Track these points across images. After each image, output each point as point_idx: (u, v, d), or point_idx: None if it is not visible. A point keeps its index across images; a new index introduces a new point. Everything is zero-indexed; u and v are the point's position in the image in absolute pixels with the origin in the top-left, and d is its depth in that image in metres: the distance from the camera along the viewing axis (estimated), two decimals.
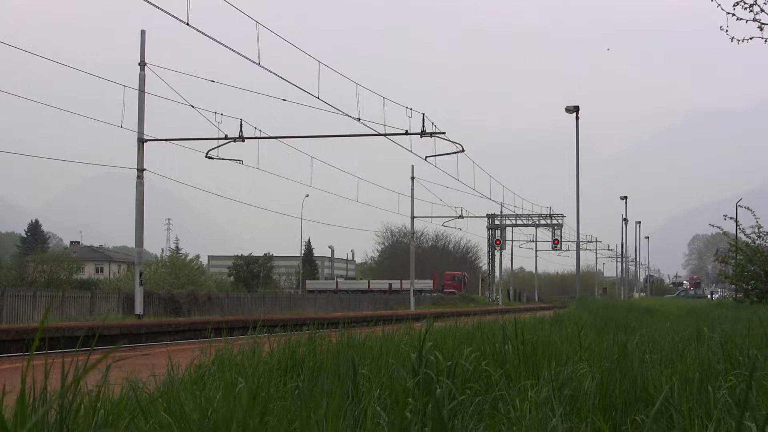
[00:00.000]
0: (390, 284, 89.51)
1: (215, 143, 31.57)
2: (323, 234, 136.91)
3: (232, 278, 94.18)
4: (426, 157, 36.03)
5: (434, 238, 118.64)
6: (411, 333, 7.40)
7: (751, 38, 16.12)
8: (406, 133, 32.32)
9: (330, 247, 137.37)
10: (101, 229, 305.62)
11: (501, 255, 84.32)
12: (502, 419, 4.02)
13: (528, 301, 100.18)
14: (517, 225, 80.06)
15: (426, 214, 62.41)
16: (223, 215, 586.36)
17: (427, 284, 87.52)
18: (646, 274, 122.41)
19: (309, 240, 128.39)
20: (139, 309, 28.12)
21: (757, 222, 31.89)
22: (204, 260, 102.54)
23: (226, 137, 30.81)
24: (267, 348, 6.45)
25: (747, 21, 15.97)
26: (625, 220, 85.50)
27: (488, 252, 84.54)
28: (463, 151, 34.90)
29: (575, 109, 42.72)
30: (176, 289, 52.23)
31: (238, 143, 31.28)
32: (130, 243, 42.23)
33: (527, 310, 44.66)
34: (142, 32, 28.84)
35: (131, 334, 20.62)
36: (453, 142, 33.94)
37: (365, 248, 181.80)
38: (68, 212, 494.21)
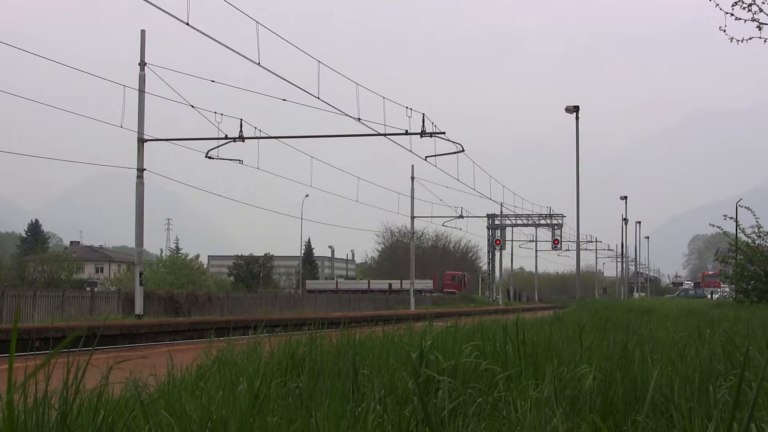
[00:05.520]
0: (390, 284, 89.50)
1: (215, 143, 31.59)
2: (323, 234, 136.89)
3: (232, 278, 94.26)
4: (426, 157, 36.02)
5: (434, 238, 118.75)
6: (411, 333, 7.40)
7: (750, 38, 16.14)
8: (406, 133, 32.32)
9: (330, 247, 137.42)
10: (101, 229, 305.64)
11: (501, 255, 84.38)
12: (503, 420, 4.03)
13: (528, 301, 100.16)
14: (517, 225, 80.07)
15: (426, 214, 62.45)
16: (223, 215, 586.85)
17: (427, 284, 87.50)
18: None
19: (309, 240, 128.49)
20: (139, 309, 28.10)
21: (757, 222, 31.89)
22: (204, 260, 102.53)
23: (226, 137, 30.81)
24: (267, 348, 6.45)
25: (746, 21, 16.01)
26: (625, 220, 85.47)
27: (488, 252, 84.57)
28: (463, 151, 34.90)
29: (575, 109, 42.73)
30: (176, 289, 52.25)
31: (238, 143, 31.27)
32: (130, 243, 42.23)
33: (527, 310, 44.65)
34: (142, 32, 28.82)
35: (131, 334, 20.62)
36: (453, 142, 33.95)
37: (365, 248, 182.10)
38: (68, 212, 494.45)
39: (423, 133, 32.48)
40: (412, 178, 54.27)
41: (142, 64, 28.24)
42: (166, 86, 27.35)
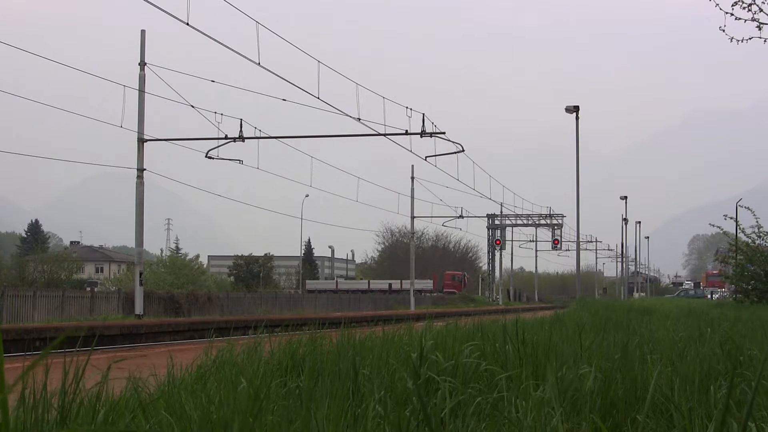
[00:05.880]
0: (390, 284, 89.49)
1: (215, 143, 31.58)
2: (323, 234, 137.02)
3: (232, 278, 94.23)
4: (426, 157, 36.02)
5: (434, 238, 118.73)
6: (411, 333, 7.40)
7: (750, 38, 16.14)
8: (406, 133, 32.31)
9: (330, 247, 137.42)
10: (101, 229, 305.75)
11: (501, 255, 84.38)
12: (503, 420, 4.02)
13: (528, 301, 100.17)
14: (517, 225, 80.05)
15: (426, 214, 62.43)
16: (223, 215, 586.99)
17: (427, 284, 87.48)
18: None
19: (309, 240, 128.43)
20: (139, 309, 28.10)
21: (757, 222, 31.87)
22: (204, 260, 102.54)
23: (226, 137, 30.81)
24: (267, 348, 6.45)
25: (746, 21, 16.00)
26: (625, 220, 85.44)
27: (488, 252, 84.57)
28: (463, 151, 34.89)
29: (575, 109, 42.71)
30: (176, 289, 52.25)
31: (238, 143, 31.27)
32: (130, 243, 42.24)
33: (527, 310, 44.65)
34: (142, 32, 28.82)
35: (131, 334, 20.61)
36: (453, 142, 33.94)
37: (365, 248, 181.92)
38: (68, 212, 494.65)
39: (423, 133, 32.47)
40: (412, 178, 54.28)
41: (142, 64, 28.23)
42: (166, 86, 27.36)
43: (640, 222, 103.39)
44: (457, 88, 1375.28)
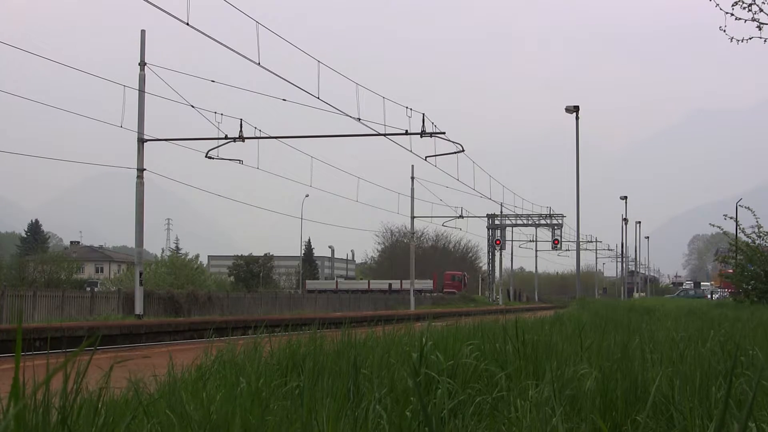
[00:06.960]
0: (390, 284, 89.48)
1: (215, 143, 31.58)
2: (323, 234, 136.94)
3: (232, 278, 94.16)
4: (426, 157, 36.02)
5: (434, 238, 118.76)
6: (412, 333, 7.40)
7: (750, 38, 16.15)
8: (406, 133, 32.31)
9: (330, 247, 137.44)
10: (101, 229, 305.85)
11: (501, 255, 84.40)
12: (503, 419, 4.02)
13: (528, 301, 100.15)
14: (517, 225, 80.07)
15: (426, 214, 62.46)
16: (223, 215, 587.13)
17: (427, 284, 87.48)
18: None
19: (309, 240, 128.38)
20: (139, 309, 28.11)
21: (757, 222, 31.88)
22: (204, 260, 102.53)
23: (226, 137, 30.81)
24: (267, 348, 6.45)
25: (746, 21, 16.02)
26: (625, 220, 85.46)
27: (488, 252, 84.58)
28: (463, 151, 34.89)
29: (575, 109, 42.73)
30: (176, 289, 52.22)
31: (238, 143, 31.27)
32: (130, 243, 42.25)
33: (527, 310, 44.64)
34: (142, 32, 28.83)
35: (131, 334, 20.62)
36: (453, 142, 33.94)
37: (365, 248, 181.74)
38: (68, 212, 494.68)
39: (423, 133, 32.47)
40: (412, 178, 54.28)
41: (142, 64, 28.23)
42: (166, 86, 27.35)
43: (640, 222, 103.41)
44: (457, 88, 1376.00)
